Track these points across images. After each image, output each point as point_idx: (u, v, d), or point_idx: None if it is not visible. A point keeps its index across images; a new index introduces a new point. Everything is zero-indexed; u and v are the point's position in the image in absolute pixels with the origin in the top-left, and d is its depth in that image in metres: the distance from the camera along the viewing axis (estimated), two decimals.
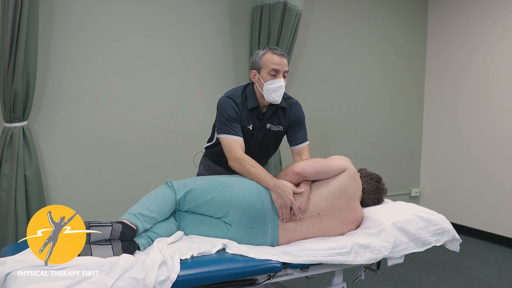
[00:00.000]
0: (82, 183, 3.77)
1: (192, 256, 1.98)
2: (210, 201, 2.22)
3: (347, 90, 5.21)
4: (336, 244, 2.19)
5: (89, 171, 3.80)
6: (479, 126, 5.20)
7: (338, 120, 5.18)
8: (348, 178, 2.39)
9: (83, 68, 3.72)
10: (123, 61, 3.88)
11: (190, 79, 4.22)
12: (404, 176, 5.83)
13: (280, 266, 2.05)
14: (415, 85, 5.80)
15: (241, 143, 2.51)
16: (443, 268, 4.20)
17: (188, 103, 4.22)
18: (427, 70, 5.83)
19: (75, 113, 3.71)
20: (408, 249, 2.35)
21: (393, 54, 5.55)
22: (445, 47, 5.61)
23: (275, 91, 2.52)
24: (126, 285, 1.69)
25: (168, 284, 1.77)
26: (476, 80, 5.24)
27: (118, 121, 3.89)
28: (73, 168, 3.73)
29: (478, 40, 5.21)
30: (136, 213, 2.09)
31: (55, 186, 3.67)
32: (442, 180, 5.69)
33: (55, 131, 3.64)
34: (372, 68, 5.39)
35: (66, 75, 3.65)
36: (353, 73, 5.24)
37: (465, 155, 5.38)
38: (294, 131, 2.72)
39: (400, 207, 2.63)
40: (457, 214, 5.37)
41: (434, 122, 5.76)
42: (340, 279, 2.42)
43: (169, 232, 2.22)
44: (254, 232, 2.21)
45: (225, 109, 2.55)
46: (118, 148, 3.91)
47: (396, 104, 5.64)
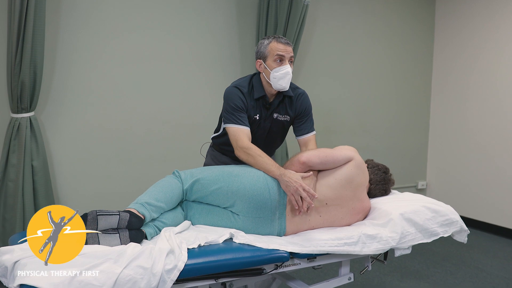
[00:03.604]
0: (89, 174, 3.78)
1: (199, 245, 1.98)
2: (217, 190, 2.22)
3: (353, 83, 5.19)
4: (344, 234, 2.19)
5: (96, 162, 3.80)
6: (487, 119, 5.17)
7: (344, 113, 5.16)
8: (355, 167, 2.38)
9: (90, 59, 3.71)
10: (130, 53, 3.87)
11: (196, 70, 4.21)
12: (411, 169, 5.81)
13: (287, 255, 2.05)
14: (422, 78, 5.77)
15: (248, 133, 2.50)
16: (450, 260, 4.19)
17: (195, 94, 4.21)
18: (435, 63, 5.80)
19: (82, 104, 3.71)
20: (415, 240, 2.34)
21: (400, 47, 5.52)
22: (453, 39, 5.56)
23: (283, 78, 2.50)
24: (134, 273, 1.69)
25: (175, 273, 1.77)
26: (484, 74, 5.20)
27: (125, 112, 3.89)
28: (80, 159, 3.73)
29: (487, 33, 5.17)
30: (144, 202, 2.09)
31: (62, 177, 3.67)
32: (449, 172, 5.67)
33: (62, 122, 3.64)
34: (379, 61, 5.36)
35: (73, 66, 3.65)
36: (359, 66, 5.22)
37: (472, 147, 5.35)
38: (301, 121, 2.70)
39: (407, 198, 2.62)
40: (464, 207, 5.34)
41: (441, 115, 5.73)
42: (347, 269, 2.41)
43: (176, 221, 2.22)
44: (261, 222, 2.20)
45: (231, 99, 2.54)
46: (125, 140, 3.91)
47: (403, 97, 5.61)
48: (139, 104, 3.95)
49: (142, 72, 3.94)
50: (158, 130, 4.05)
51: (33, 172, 3.37)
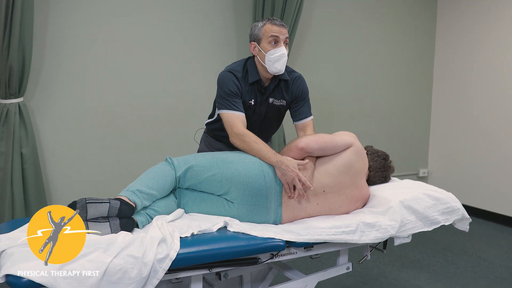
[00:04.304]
0: (80, 161, 3.77)
1: (193, 234, 1.96)
2: (211, 177, 2.21)
3: (353, 67, 5.16)
4: (342, 223, 2.17)
5: (87, 149, 3.78)
6: (491, 104, 5.14)
7: (343, 98, 5.14)
8: (354, 154, 2.37)
9: (81, 44, 3.68)
10: (122, 36, 3.84)
11: (191, 55, 4.18)
12: (412, 156, 5.80)
13: (283, 244, 2.04)
14: (424, 62, 5.74)
15: (243, 119, 2.48)
16: (452, 250, 4.19)
17: (189, 79, 4.19)
18: (437, 47, 5.76)
19: (73, 89, 3.68)
20: (415, 228, 2.33)
21: (401, 30, 5.47)
22: (456, 22, 5.52)
23: (278, 60, 2.48)
24: (124, 262, 1.68)
25: (167, 262, 1.76)
26: (488, 57, 5.16)
27: (118, 98, 3.87)
28: (71, 145, 3.71)
29: (491, 17, 5.12)
30: (135, 189, 2.08)
31: (52, 164, 3.66)
32: (451, 160, 5.66)
33: (52, 108, 3.62)
34: (379, 44, 5.32)
35: (63, 50, 3.62)
36: (359, 49, 5.18)
37: (476, 133, 5.33)
38: (298, 105, 2.69)
39: (407, 185, 2.61)
40: (467, 195, 5.33)
41: (444, 99, 5.70)
42: (345, 259, 2.41)
43: (168, 209, 2.21)
44: (256, 209, 2.20)
45: (225, 84, 2.52)
46: (117, 126, 3.89)
47: (404, 81, 5.58)
48: (132, 89, 3.93)
49: (134, 56, 3.91)
50: (151, 116, 4.03)
51: (22, 159, 3.35)
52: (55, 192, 3.68)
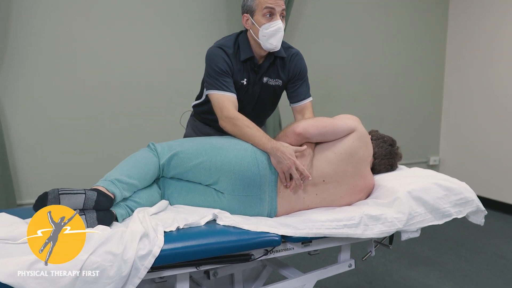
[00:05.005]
0: (53, 148, 3.77)
1: (178, 228, 1.98)
2: (198, 165, 2.21)
3: (357, 42, 5.16)
4: (343, 215, 2.19)
5: (60, 135, 3.79)
6: (510, 85, 5.15)
7: (346, 79, 5.15)
8: (357, 140, 2.39)
9: (53, 15, 3.66)
10: (100, 9, 3.83)
11: (177, 29, 4.17)
12: (422, 142, 5.83)
13: (278, 239, 2.05)
14: (435, 40, 5.74)
15: (234, 100, 2.49)
16: (465, 246, 4.23)
17: (174, 56, 4.18)
18: (450, 22, 5.75)
19: (43, 69, 3.67)
20: (425, 221, 2.35)
21: (410, 3, 5.47)
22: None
23: (273, 36, 2.47)
24: (102, 260, 1.68)
25: (150, 259, 1.77)
26: (509, 36, 5.15)
27: (95, 77, 3.87)
28: (41, 131, 3.71)
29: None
30: (113, 179, 2.08)
31: (21, 151, 3.66)
32: (465, 146, 5.68)
33: (21, 88, 3.61)
34: (386, 18, 5.32)
35: (33, 24, 3.60)
36: (364, 23, 5.18)
37: (493, 117, 5.35)
38: (295, 85, 2.69)
39: (416, 174, 2.63)
40: (481, 185, 5.35)
41: (457, 79, 5.71)
42: (347, 255, 2.43)
43: (151, 201, 2.21)
44: (249, 201, 2.21)
45: (214, 61, 2.52)
46: (94, 108, 3.89)
47: (414, 59, 5.59)
48: (111, 67, 3.92)
49: (113, 30, 3.90)
50: (132, 97, 4.03)
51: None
52: (24, 182, 3.68)
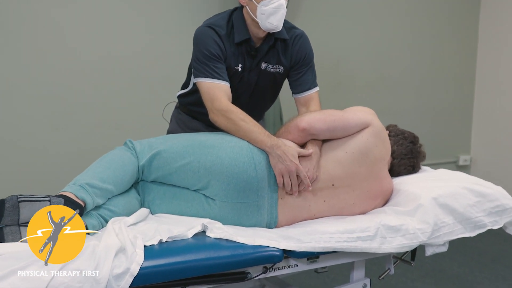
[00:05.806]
0: (10, 146, 3.77)
1: (161, 241, 1.97)
2: (184, 167, 2.20)
3: (372, 24, 5.17)
4: (356, 226, 2.18)
5: (20, 129, 3.80)
6: None
7: (359, 65, 5.15)
8: (372, 136, 2.38)
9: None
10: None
11: (160, 6, 4.18)
12: (449, 139, 5.84)
13: (280, 254, 2.04)
14: (466, 20, 5.73)
15: (227, 90, 2.49)
16: (503, 262, 4.22)
17: (157, 37, 4.20)
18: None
19: (1, 49, 3.66)
20: (453, 233, 2.34)
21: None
22: None
23: (274, 14, 2.46)
24: (69, 280, 1.67)
25: (127, 279, 1.75)
26: None
27: (63, 61, 3.88)
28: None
29: None
30: (84, 183, 2.06)
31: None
32: (501, 144, 5.68)
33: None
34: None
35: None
36: (380, 1, 5.17)
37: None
38: (299, 73, 2.69)
39: (443, 177, 2.63)
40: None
41: (491, 66, 5.71)
42: (362, 273, 2.42)
43: (129, 209, 2.21)
44: (244, 208, 2.20)
45: (204, 43, 2.51)
46: (61, 99, 3.90)
47: (440, 42, 5.59)
48: (82, 50, 3.93)
49: (85, 6, 3.90)
50: (107, 86, 4.05)
51: None
52: None
